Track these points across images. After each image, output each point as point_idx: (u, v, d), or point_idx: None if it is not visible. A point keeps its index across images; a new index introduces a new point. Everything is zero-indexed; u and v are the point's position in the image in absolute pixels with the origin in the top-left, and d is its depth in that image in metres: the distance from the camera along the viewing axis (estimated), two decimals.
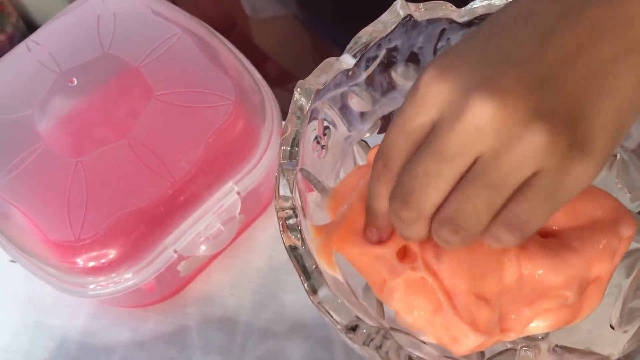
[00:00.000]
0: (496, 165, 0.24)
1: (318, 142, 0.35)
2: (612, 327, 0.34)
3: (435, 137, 0.25)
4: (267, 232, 0.45)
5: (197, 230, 0.37)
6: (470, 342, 0.31)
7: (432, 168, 0.25)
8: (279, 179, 0.32)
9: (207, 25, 0.42)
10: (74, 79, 0.39)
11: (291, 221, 0.31)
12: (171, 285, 0.42)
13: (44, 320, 0.44)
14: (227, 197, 0.38)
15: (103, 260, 0.36)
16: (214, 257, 0.43)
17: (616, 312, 0.34)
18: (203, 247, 0.38)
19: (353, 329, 0.29)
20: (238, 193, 0.38)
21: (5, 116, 0.38)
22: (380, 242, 0.31)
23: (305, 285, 0.30)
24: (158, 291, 0.41)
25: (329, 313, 0.29)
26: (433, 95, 0.25)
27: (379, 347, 0.27)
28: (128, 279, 0.37)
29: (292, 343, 0.41)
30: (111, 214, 0.35)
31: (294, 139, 0.33)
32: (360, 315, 0.30)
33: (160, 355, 0.42)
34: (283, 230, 0.31)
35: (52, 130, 0.38)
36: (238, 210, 0.38)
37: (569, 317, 0.32)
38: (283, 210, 0.31)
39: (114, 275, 0.36)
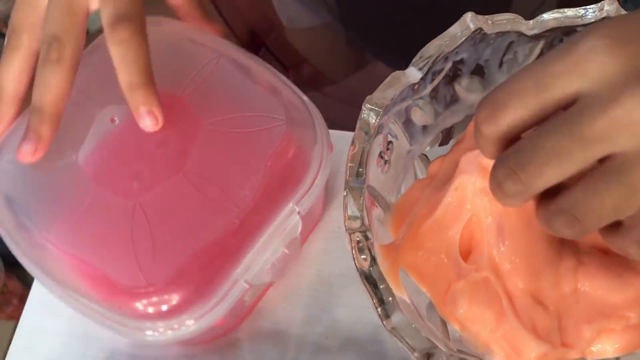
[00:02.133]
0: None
1: (382, 157, 0.35)
2: None
3: (579, 114, 0.22)
4: (318, 245, 0.44)
5: (265, 257, 0.36)
6: (532, 351, 0.31)
7: (565, 146, 0.22)
8: (347, 198, 0.31)
9: (239, 47, 0.41)
10: (115, 118, 0.37)
11: (361, 243, 0.30)
12: (238, 316, 0.41)
13: (93, 331, 0.43)
14: (289, 218, 0.37)
15: (174, 302, 0.34)
16: None
17: None
18: (269, 273, 0.37)
19: (428, 355, 0.28)
20: (299, 213, 0.37)
21: (50, 164, 0.37)
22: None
23: (379, 310, 0.29)
24: (226, 324, 0.40)
25: (404, 339, 0.28)
26: (594, 64, 0.22)
27: None
28: (201, 315, 0.35)
29: (346, 358, 0.41)
30: (181, 253, 0.34)
31: (362, 156, 0.32)
32: (430, 338, 0.29)
33: None
34: (355, 253, 0.30)
35: (102, 173, 0.36)
36: (299, 230, 0.38)
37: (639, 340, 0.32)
38: (354, 232, 0.30)
39: (184, 317, 0.35)
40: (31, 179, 0.37)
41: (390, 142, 0.35)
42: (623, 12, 0.33)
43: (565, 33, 0.34)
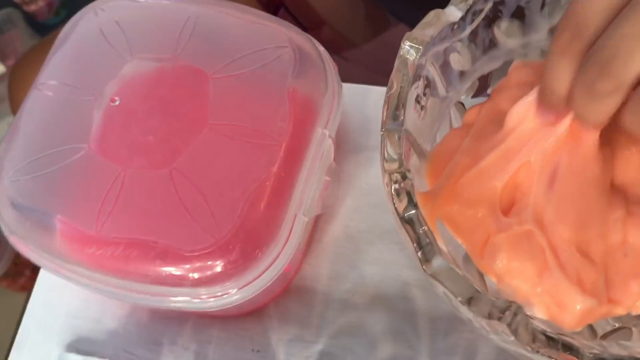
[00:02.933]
0: None
1: (418, 102, 0.33)
2: None
3: None
4: (345, 201, 0.43)
5: (313, 187, 0.35)
6: (578, 304, 0.29)
7: None
8: (385, 141, 0.30)
9: None
10: (115, 98, 0.36)
11: (399, 185, 0.29)
12: (297, 261, 0.40)
13: None
14: (322, 144, 0.35)
15: (247, 251, 0.33)
16: None
17: None
18: (319, 204, 0.36)
19: (471, 299, 0.27)
20: (330, 137, 0.36)
21: (66, 162, 0.34)
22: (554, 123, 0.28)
23: (419, 254, 0.27)
24: (291, 269, 0.39)
25: (445, 284, 0.27)
26: None
27: (509, 324, 0.25)
28: (275, 257, 0.34)
29: (373, 316, 0.40)
30: (238, 199, 0.32)
31: (399, 97, 0.31)
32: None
33: (236, 325, 0.40)
34: (394, 195, 0.28)
35: (122, 154, 0.34)
36: (333, 156, 0.36)
37: None
38: (392, 174, 0.29)
39: (258, 265, 0.33)
40: (53, 185, 0.34)
41: (426, 87, 0.33)
42: None
43: None
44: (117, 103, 0.35)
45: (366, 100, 0.45)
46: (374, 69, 0.70)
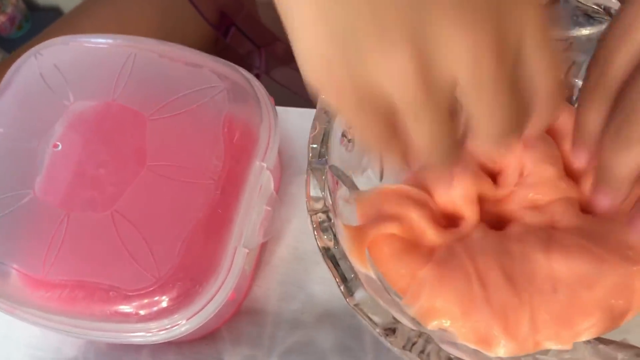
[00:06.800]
0: None
1: (345, 137, 0.35)
2: None
3: None
4: (292, 223, 0.45)
5: (253, 219, 0.37)
6: (501, 350, 0.30)
7: None
8: (309, 180, 0.31)
9: (149, 39, 0.41)
10: (57, 143, 0.37)
11: (325, 224, 0.30)
12: (243, 287, 0.41)
13: None
14: (260, 176, 0.37)
15: (187, 287, 0.35)
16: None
17: None
18: (261, 234, 0.38)
19: (392, 330, 0.29)
20: (268, 168, 0.38)
21: (12, 208, 0.36)
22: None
23: (342, 287, 0.29)
24: (236, 297, 0.41)
25: (367, 315, 0.29)
26: None
27: (421, 352, 0.27)
28: (216, 291, 0.36)
29: (321, 333, 0.42)
30: (177, 238, 0.34)
31: (323, 136, 0.32)
32: (395, 314, 0.30)
33: (190, 349, 0.42)
34: (317, 232, 0.30)
35: (67, 197, 0.36)
36: (272, 186, 0.38)
37: (615, 324, 0.31)
38: (316, 213, 0.30)
39: (199, 299, 0.35)
40: (1, 232, 0.36)
41: None
42: None
43: None
44: (59, 148, 0.37)
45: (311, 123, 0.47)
46: None
